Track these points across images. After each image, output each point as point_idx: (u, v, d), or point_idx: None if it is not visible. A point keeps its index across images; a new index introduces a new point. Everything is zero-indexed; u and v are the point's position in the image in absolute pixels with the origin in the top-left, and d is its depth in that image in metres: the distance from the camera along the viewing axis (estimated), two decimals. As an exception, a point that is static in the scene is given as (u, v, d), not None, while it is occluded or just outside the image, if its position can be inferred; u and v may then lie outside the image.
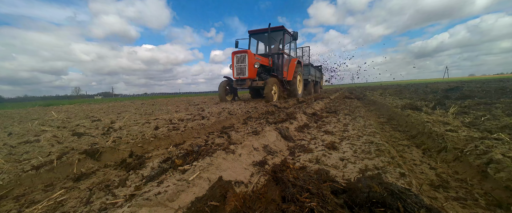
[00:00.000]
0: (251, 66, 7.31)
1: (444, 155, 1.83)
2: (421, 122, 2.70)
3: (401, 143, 2.36)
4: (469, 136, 2.01)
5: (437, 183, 1.41)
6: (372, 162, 1.54)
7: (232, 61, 7.61)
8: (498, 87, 8.59)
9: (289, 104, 6.14)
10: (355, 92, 13.45)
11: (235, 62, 7.49)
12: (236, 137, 2.31)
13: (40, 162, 1.70)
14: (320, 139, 2.25)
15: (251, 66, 7.31)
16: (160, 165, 1.58)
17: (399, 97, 6.65)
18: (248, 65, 7.28)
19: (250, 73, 7.32)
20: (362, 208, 0.95)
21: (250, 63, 7.29)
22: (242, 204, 0.96)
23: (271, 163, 1.57)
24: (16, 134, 3.00)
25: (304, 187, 1.08)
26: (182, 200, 1.01)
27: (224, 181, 1.16)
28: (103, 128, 3.02)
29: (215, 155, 1.47)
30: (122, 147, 2.09)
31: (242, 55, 7.36)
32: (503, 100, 4.42)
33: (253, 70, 7.40)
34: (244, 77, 7.37)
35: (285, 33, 8.71)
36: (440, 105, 4.14)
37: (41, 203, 1.20)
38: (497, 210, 1.12)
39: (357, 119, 3.34)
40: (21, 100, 35.38)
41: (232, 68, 7.65)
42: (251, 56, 7.38)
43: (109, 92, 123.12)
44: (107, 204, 1.11)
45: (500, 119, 2.65)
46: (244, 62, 7.34)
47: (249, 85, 7.47)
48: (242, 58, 7.36)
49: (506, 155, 1.47)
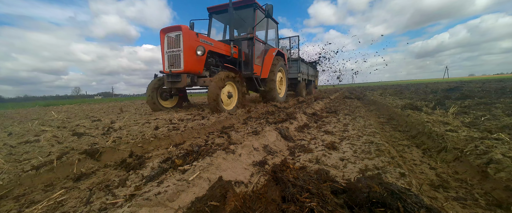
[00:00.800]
0: (190, 52, 4.43)
1: (444, 155, 1.83)
2: (421, 122, 2.70)
3: (401, 143, 2.36)
4: (469, 136, 2.01)
5: (437, 183, 1.41)
6: (372, 162, 1.54)
7: (161, 46, 4.72)
8: (498, 87, 8.60)
9: (289, 104, 6.14)
10: (355, 92, 13.44)
11: (166, 47, 4.61)
12: (236, 137, 2.31)
13: (40, 162, 1.70)
14: (320, 139, 2.25)
15: (190, 52, 4.43)
16: (160, 165, 1.58)
17: (399, 97, 6.65)
18: (185, 50, 4.38)
19: (189, 64, 4.46)
20: (362, 208, 0.95)
21: (188, 48, 4.42)
22: (242, 204, 0.96)
23: (271, 163, 1.57)
24: (16, 134, 3.00)
25: (304, 187, 1.08)
26: (182, 200, 1.01)
27: (224, 181, 1.16)
28: (103, 128, 3.02)
29: (215, 155, 1.47)
30: (122, 147, 2.09)
31: (175, 36, 4.49)
32: (503, 100, 4.42)
33: (195, 60, 4.55)
34: (178, 70, 4.50)
35: (257, 9, 5.87)
36: (440, 105, 4.14)
37: (41, 203, 1.20)
38: (497, 210, 1.12)
39: (357, 119, 3.34)
40: (21, 100, 35.48)
41: (162, 57, 4.76)
42: (189, 36, 4.47)
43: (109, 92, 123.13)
44: (107, 204, 1.11)
45: (500, 119, 2.65)
46: (178, 46, 4.45)
47: (187, 85, 4.55)
48: (175, 39, 4.50)
49: (506, 155, 1.47)
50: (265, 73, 6.33)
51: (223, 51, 5.41)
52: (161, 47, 4.74)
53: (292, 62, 9.56)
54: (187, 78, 4.46)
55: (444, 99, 5.38)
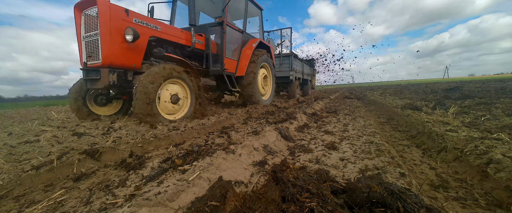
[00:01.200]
0: (113, 36, 3.04)
1: (444, 155, 1.83)
2: (421, 122, 2.70)
3: (401, 143, 2.36)
4: (469, 136, 2.01)
5: (437, 183, 1.41)
6: (372, 162, 1.54)
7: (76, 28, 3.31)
8: (498, 87, 8.60)
9: (289, 104, 6.14)
10: (355, 92, 13.44)
11: (83, 30, 3.25)
12: (236, 137, 2.31)
13: (40, 162, 1.70)
14: (320, 139, 2.25)
15: (113, 36, 3.04)
16: (160, 165, 1.58)
17: (399, 97, 6.66)
18: (103, 34, 3.00)
19: (112, 54, 3.07)
20: (362, 208, 0.95)
21: (110, 30, 3.00)
22: (242, 204, 0.96)
23: (271, 163, 1.57)
24: (16, 134, 3.00)
25: (304, 187, 1.08)
26: (182, 200, 1.01)
27: (224, 181, 1.16)
28: (103, 128, 3.02)
29: (215, 155, 1.47)
30: (122, 147, 2.09)
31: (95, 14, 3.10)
32: (503, 100, 4.42)
33: (124, 48, 3.16)
34: (95, 64, 3.16)
35: None
36: (440, 105, 4.14)
37: (41, 203, 1.20)
38: (497, 210, 1.12)
39: (357, 119, 3.34)
40: (21, 100, 35.55)
41: (78, 45, 3.36)
42: (112, 13, 3.01)
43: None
44: (107, 204, 1.11)
45: (500, 119, 2.65)
46: (95, 28, 3.11)
47: (111, 85, 3.09)
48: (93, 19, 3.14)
49: (506, 155, 1.47)
50: (242, 70, 5.04)
51: (178, 39, 3.98)
52: (77, 31, 3.27)
53: (284, 58, 8.42)
54: (111, 75, 3.03)
55: (444, 99, 5.38)
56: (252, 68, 5.18)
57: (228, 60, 4.70)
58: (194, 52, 4.35)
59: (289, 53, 8.61)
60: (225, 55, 4.56)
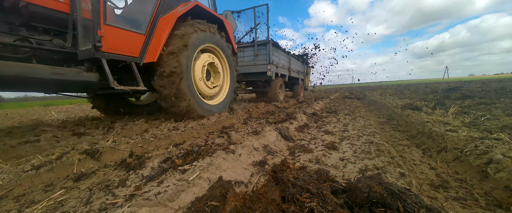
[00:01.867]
0: None
1: (444, 155, 1.83)
2: (421, 122, 2.70)
3: (401, 143, 2.36)
4: (469, 136, 2.01)
5: (437, 183, 1.41)
6: (372, 162, 1.54)
7: None
8: (498, 87, 8.60)
9: (289, 104, 6.13)
10: (355, 92, 13.44)
11: None
12: (236, 137, 2.31)
13: (40, 162, 1.70)
14: (320, 139, 2.25)
15: None
16: (160, 165, 1.58)
17: (399, 97, 6.66)
18: None
19: None
20: (362, 208, 0.95)
21: None
22: (242, 204, 0.96)
23: (271, 163, 1.57)
24: (16, 133, 3.00)
25: (304, 187, 1.08)
26: (182, 200, 1.01)
27: (224, 181, 1.16)
28: (103, 128, 3.02)
29: (215, 155, 1.47)
30: (122, 147, 2.09)
31: None
32: (503, 100, 4.42)
33: None
34: None
35: None
36: (440, 105, 4.15)
37: (41, 203, 1.20)
38: (497, 210, 1.12)
39: (357, 119, 3.34)
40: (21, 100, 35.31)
41: None
42: None
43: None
44: (107, 204, 1.11)
45: (500, 119, 2.65)
46: None
47: None
48: None
49: (506, 155, 1.47)
50: (153, 54, 2.98)
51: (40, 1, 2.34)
52: None
53: (260, 48, 6.12)
54: None
55: (444, 99, 5.38)
56: (175, 48, 3.02)
57: (121, 31, 2.67)
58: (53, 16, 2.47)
59: (264, 41, 6.16)
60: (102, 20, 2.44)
